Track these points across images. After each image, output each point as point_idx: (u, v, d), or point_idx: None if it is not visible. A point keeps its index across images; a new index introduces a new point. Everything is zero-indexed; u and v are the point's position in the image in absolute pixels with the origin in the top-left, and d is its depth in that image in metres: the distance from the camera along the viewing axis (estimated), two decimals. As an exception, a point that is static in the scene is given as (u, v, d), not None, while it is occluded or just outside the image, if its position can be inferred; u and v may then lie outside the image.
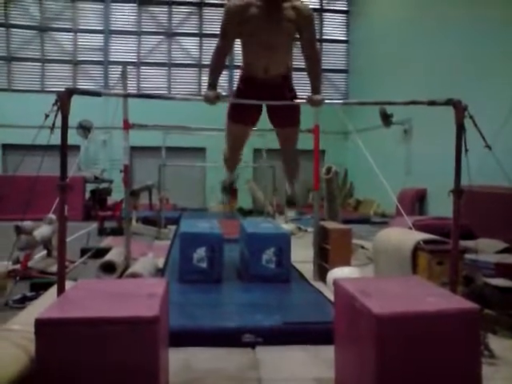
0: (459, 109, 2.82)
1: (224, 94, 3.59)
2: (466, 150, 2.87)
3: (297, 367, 3.24)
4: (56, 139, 2.80)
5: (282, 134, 3.77)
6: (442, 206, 10.40)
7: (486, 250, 6.08)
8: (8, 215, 8.70)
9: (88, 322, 2.12)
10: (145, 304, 2.31)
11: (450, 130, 3.99)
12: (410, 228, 5.25)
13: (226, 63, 16.74)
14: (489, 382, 2.73)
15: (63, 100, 2.78)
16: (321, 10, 17.70)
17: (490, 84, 8.71)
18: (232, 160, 4.11)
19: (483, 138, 2.82)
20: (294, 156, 3.97)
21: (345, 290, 2.66)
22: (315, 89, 3.43)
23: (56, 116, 2.81)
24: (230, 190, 3.93)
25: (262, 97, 3.38)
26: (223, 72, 3.71)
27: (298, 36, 3.35)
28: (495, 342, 3.59)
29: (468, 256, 4.87)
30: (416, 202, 11.59)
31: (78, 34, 16.65)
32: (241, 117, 3.56)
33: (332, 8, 17.81)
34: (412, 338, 2.20)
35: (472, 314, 2.27)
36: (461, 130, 2.83)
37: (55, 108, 2.79)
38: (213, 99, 3.30)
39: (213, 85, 3.41)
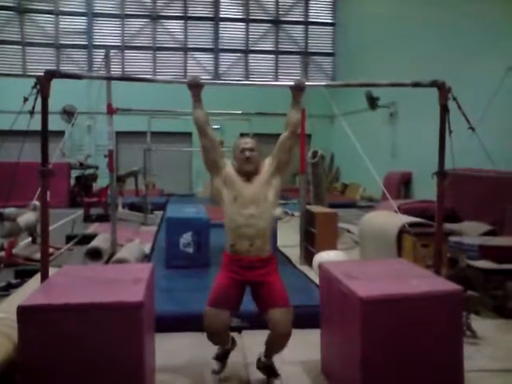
0: (443, 90, 2.82)
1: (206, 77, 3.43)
2: (450, 132, 2.87)
3: (284, 351, 3.25)
4: (39, 124, 2.75)
5: (271, 318, 2.90)
6: (427, 190, 10.47)
7: (471, 232, 6.14)
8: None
9: (71, 308, 2.10)
10: (129, 289, 2.30)
11: (435, 113, 3.99)
12: (396, 211, 5.27)
13: (212, 47, 16.37)
14: (471, 361, 2.77)
15: (43, 83, 2.72)
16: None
17: (476, 67, 8.73)
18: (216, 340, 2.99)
19: (467, 119, 2.82)
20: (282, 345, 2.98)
21: (329, 274, 2.67)
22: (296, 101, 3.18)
23: (36, 99, 2.75)
24: (225, 356, 3.11)
25: (245, 276, 3.03)
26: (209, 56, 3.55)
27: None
28: (478, 323, 3.65)
29: (452, 238, 4.92)
30: (401, 185, 11.66)
31: (60, 16, 16.30)
32: (220, 300, 3.03)
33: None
34: (396, 319, 2.22)
35: (455, 295, 2.29)
36: (444, 111, 2.82)
37: (35, 91, 2.73)
38: (195, 83, 3.11)
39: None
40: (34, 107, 2.75)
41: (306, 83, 3.09)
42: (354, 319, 2.26)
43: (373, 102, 12.49)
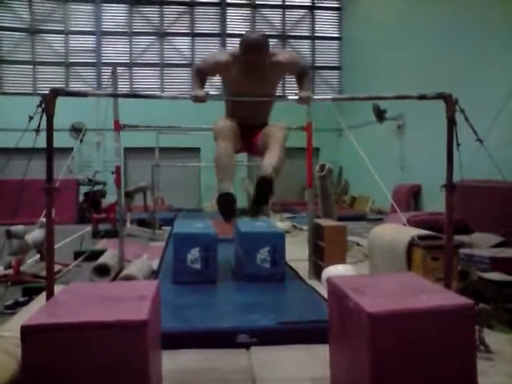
0: (450, 102, 2.79)
1: (212, 92, 3.53)
2: (458, 145, 2.84)
3: (292, 367, 3.20)
4: (55, 141, 2.79)
5: (266, 133, 3.32)
6: (436, 202, 10.39)
7: (482, 244, 6.06)
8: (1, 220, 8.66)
9: (74, 327, 2.08)
10: (134, 307, 2.27)
11: (442, 125, 3.98)
12: (405, 224, 5.21)
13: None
14: (485, 377, 2.70)
15: (48, 101, 2.73)
16: (313, 8, 17.68)
17: (482, 78, 8.71)
18: (221, 161, 3.24)
19: (474, 131, 2.79)
20: (280, 143, 3.23)
21: (338, 288, 2.63)
22: (303, 87, 3.40)
23: (41, 118, 2.77)
24: (230, 208, 3.08)
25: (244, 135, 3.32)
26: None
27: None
28: (491, 337, 3.57)
29: (463, 251, 4.85)
30: (411, 197, 11.58)
31: (70, 35, 16.55)
32: (227, 117, 3.44)
33: (324, 5, 17.78)
34: (406, 335, 2.17)
35: (467, 309, 2.24)
36: (452, 123, 2.80)
37: (40, 110, 2.74)
38: (201, 98, 3.25)
39: (199, 86, 3.37)
40: (39, 125, 2.76)
41: (313, 97, 3.15)
42: (363, 335, 2.21)
43: (380, 115, 12.47)
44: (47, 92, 2.78)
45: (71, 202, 11.98)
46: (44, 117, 2.76)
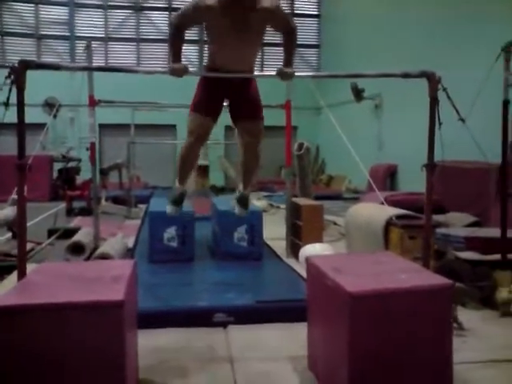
0: (433, 81, 2.76)
1: (192, 68, 3.45)
2: (440, 124, 2.82)
3: (270, 346, 3.20)
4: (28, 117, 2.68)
5: (245, 129, 3.48)
6: (412, 182, 10.48)
7: (456, 223, 6.15)
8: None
9: (48, 309, 2.01)
10: (110, 287, 2.22)
11: (420, 105, 3.96)
12: (382, 203, 5.24)
13: (197, 38, 16.37)
14: (457, 352, 2.74)
15: (18, 73, 2.61)
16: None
17: (463, 58, 8.68)
18: (187, 162, 3.61)
19: (457, 110, 2.78)
20: (257, 155, 3.67)
21: (317, 268, 2.61)
22: (287, 62, 3.33)
23: (10, 91, 2.65)
24: (180, 200, 3.61)
25: (226, 91, 3.31)
26: (192, 48, 3.56)
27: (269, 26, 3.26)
28: (464, 314, 3.63)
29: (439, 230, 4.90)
30: (387, 177, 11.67)
31: (40, 5, 15.96)
32: (203, 107, 3.38)
33: (304, -19, 17.57)
34: (385, 314, 2.17)
35: (445, 289, 2.25)
36: (434, 102, 2.77)
37: (9, 82, 2.62)
38: (179, 72, 3.17)
39: (177, 58, 3.28)
40: (8, 99, 2.65)
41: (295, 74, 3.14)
42: (342, 314, 2.20)
43: (358, 94, 12.44)
44: (16, 64, 2.65)
45: (45, 179, 11.72)
46: (14, 90, 2.64)
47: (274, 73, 3.29)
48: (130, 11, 16.57)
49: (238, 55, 3.19)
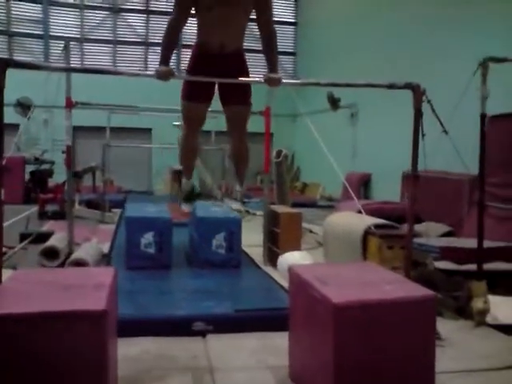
0: (418, 93, 2.80)
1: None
2: (423, 135, 2.86)
3: (250, 355, 3.18)
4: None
5: (232, 113, 3.62)
6: (385, 190, 10.65)
7: (431, 233, 6.24)
8: None
9: (27, 318, 1.95)
10: (91, 296, 2.17)
11: (394, 115, 4.03)
12: (361, 212, 5.28)
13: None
14: (437, 362, 2.77)
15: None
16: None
17: (442, 67, 8.76)
18: (188, 151, 3.79)
19: (441, 122, 2.83)
20: (244, 141, 3.83)
21: (300, 278, 2.61)
22: (273, 67, 3.38)
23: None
24: (193, 197, 3.79)
25: (216, 72, 3.32)
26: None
27: (254, 16, 3.29)
28: (441, 324, 3.67)
29: (415, 240, 4.96)
30: (361, 186, 11.79)
31: (12, 1, 15.59)
32: (194, 94, 3.44)
33: (280, -11, 17.68)
34: (370, 326, 2.18)
35: (428, 300, 2.27)
36: (419, 114, 2.81)
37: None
38: (166, 75, 3.18)
39: (165, 61, 3.28)
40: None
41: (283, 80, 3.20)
42: (327, 325, 2.20)
43: (334, 103, 12.54)
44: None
45: (17, 181, 11.44)
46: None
47: (260, 79, 3.32)
48: (107, 12, 16.39)
49: (229, 21, 3.22)
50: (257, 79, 3.53)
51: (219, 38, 3.28)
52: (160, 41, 3.51)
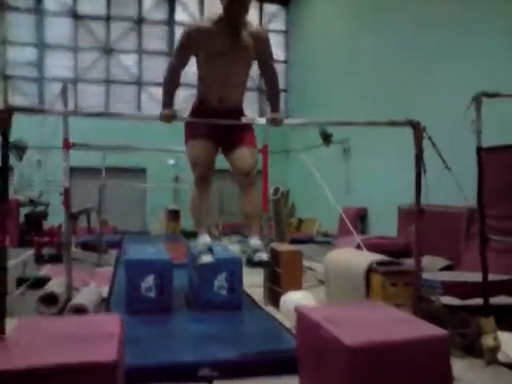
0: (418, 129, 2.85)
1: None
2: (425, 172, 2.89)
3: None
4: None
5: (236, 157, 3.44)
6: (383, 225, 10.65)
7: (430, 267, 6.21)
8: None
9: (36, 373, 1.90)
10: (101, 347, 2.13)
11: (387, 149, 4.04)
12: (360, 247, 5.27)
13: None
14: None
15: (3, 119, 2.55)
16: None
17: (437, 101, 8.83)
18: (200, 200, 3.46)
19: (442, 159, 2.86)
20: (253, 199, 3.55)
21: (308, 319, 2.58)
22: (275, 107, 3.43)
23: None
24: (210, 249, 3.64)
25: (216, 128, 3.32)
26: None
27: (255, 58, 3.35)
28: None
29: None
30: (357, 220, 11.79)
31: (8, 46, 15.83)
32: (199, 132, 3.40)
33: (271, 29, 18.06)
34: (384, 367, 2.14)
35: (441, 339, 2.25)
36: (419, 150, 2.85)
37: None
38: (169, 117, 3.22)
39: (168, 104, 3.32)
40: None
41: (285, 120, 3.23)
42: (340, 368, 2.17)
43: (327, 138, 12.67)
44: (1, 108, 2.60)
45: (12, 224, 11.32)
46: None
47: (263, 120, 3.36)
48: (100, 53, 16.65)
49: (230, 74, 3.24)
50: (260, 119, 3.55)
51: (219, 94, 3.30)
52: (153, 80, 3.54)
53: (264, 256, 3.48)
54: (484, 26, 7.76)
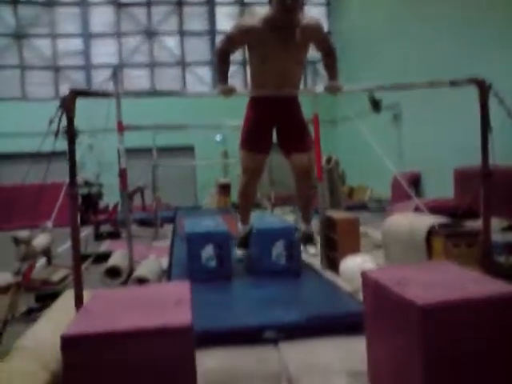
0: (483, 88, 2.74)
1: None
2: (491, 130, 2.80)
3: (326, 362, 3.13)
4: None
5: (295, 162, 3.71)
6: (437, 188, 10.41)
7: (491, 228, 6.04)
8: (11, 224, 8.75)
9: (117, 336, 1.99)
10: (175, 312, 2.20)
11: (438, 111, 3.89)
12: (418, 211, 5.17)
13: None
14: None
15: (68, 103, 2.64)
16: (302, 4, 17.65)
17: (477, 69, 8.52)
18: (247, 198, 3.90)
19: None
20: (309, 189, 3.86)
21: (375, 281, 2.56)
22: (332, 76, 3.43)
23: (60, 120, 2.68)
24: (246, 241, 4.18)
25: (274, 114, 3.40)
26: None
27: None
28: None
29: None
30: (411, 185, 11.55)
31: (57, 38, 16.34)
32: (253, 145, 3.54)
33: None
34: (459, 327, 2.10)
35: (516, 296, 2.18)
36: (485, 109, 2.74)
37: (59, 112, 2.66)
38: (228, 92, 3.26)
39: (224, 80, 3.36)
40: (58, 128, 2.68)
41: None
42: (413, 329, 2.14)
43: (376, 105, 12.40)
44: (67, 94, 2.69)
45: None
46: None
47: (321, 88, 3.36)
48: (143, 37, 16.82)
49: (283, 74, 3.26)
50: (318, 88, 3.57)
51: (274, 86, 3.34)
52: (196, 60, 3.61)
53: (312, 251, 4.24)
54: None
